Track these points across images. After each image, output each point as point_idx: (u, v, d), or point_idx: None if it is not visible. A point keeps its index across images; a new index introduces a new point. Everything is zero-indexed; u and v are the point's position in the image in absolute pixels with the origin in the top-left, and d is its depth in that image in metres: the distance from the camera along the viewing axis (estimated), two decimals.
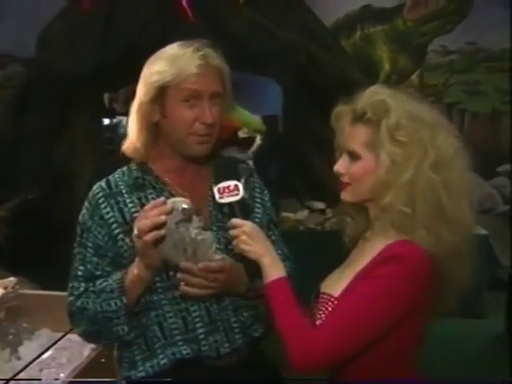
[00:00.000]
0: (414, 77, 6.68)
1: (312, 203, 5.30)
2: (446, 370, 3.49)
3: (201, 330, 1.48)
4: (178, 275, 1.41)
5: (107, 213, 1.49)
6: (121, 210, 1.49)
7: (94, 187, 1.54)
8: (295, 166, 5.33)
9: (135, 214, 1.46)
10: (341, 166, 1.40)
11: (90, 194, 1.53)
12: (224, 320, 1.50)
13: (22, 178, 5.23)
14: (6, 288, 2.39)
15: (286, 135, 5.67)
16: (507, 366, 3.24)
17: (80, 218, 1.54)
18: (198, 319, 1.48)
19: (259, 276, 1.39)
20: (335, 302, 1.35)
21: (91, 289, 1.48)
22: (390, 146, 1.30)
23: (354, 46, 6.64)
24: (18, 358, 2.08)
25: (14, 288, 2.43)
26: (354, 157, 1.37)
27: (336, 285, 1.39)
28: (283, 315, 1.31)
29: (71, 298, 1.51)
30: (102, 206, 1.50)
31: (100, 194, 1.51)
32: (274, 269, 1.36)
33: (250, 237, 1.37)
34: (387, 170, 1.30)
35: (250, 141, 4.99)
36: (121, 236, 1.48)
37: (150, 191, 1.51)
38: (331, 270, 1.50)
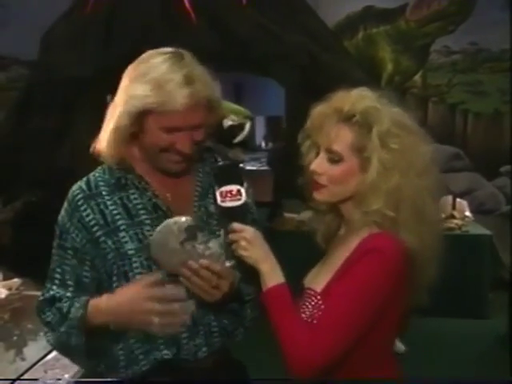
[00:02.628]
0: (416, 77, 6.67)
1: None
2: (450, 369, 3.50)
3: (184, 335, 1.46)
4: (183, 271, 1.37)
5: (87, 215, 1.45)
6: (102, 212, 1.45)
7: (74, 187, 1.49)
8: (299, 166, 5.34)
9: (117, 216, 1.44)
10: (319, 165, 1.39)
11: (70, 194, 1.49)
12: (205, 324, 1.48)
13: (26, 180, 5.24)
14: (10, 289, 2.40)
15: (290, 136, 5.67)
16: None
17: (59, 218, 1.50)
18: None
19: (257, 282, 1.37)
20: (318, 297, 1.37)
21: (57, 305, 1.47)
22: (381, 153, 1.31)
23: (356, 47, 6.64)
24: (23, 359, 2.08)
25: (19, 289, 2.44)
26: (335, 158, 1.36)
27: (318, 280, 1.42)
28: (281, 323, 1.30)
29: (41, 298, 1.51)
30: (82, 208, 1.45)
31: (79, 196, 1.46)
32: (272, 275, 1.35)
33: (249, 242, 1.36)
34: (378, 175, 1.31)
35: (238, 128, 4.84)
36: (103, 238, 1.44)
37: (132, 191, 1.47)
38: None
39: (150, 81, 1.37)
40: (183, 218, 1.38)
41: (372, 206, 1.32)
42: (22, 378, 1.88)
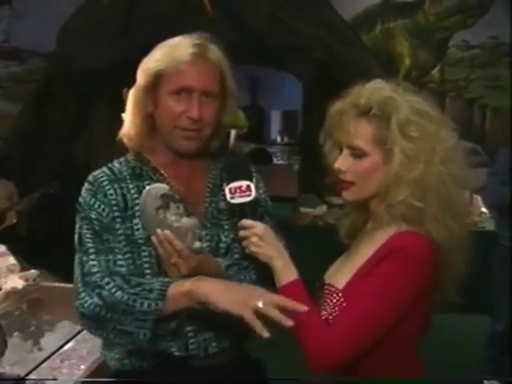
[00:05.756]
0: (434, 72, 6.62)
1: (331, 198, 5.29)
2: (463, 367, 3.48)
3: (189, 328, 1.43)
4: (153, 238, 1.37)
5: (111, 194, 1.46)
6: (124, 196, 1.47)
7: (95, 173, 1.51)
8: (314, 160, 5.33)
9: (136, 201, 1.44)
10: (343, 163, 1.37)
11: (91, 178, 1.50)
12: (212, 317, 1.42)
13: (43, 172, 5.28)
14: (27, 280, 2.41)
15: (306, 130, 5.66)
16: None
17: (80, 200, 1.48)
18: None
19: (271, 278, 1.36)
20: (339, 295, 1.35)
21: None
22: (402, 142, 1.29)
23: (374, 41, 6.60)
24: (40, 350, 2.10)
25: (36, 280, 2.45)
26: (358, 153, 1.35)
27: (340, 276, 1.39)
28: (298, 318, 1.27)
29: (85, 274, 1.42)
30: (106, 188, 1.47)
31: (104, 178, 1.49)
32: (286, 271, 1.34)
33: (260, 239, 1.35)
34: (401, 166, 1.29)
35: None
36: (119, 220, 1.44)
37: (147, 182, 1.48)
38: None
39: (161, 48, 1.48)
40: (161, 185, 1.40)
41: (398, 197, 1.30)
42: (27, 377, 1.88)
